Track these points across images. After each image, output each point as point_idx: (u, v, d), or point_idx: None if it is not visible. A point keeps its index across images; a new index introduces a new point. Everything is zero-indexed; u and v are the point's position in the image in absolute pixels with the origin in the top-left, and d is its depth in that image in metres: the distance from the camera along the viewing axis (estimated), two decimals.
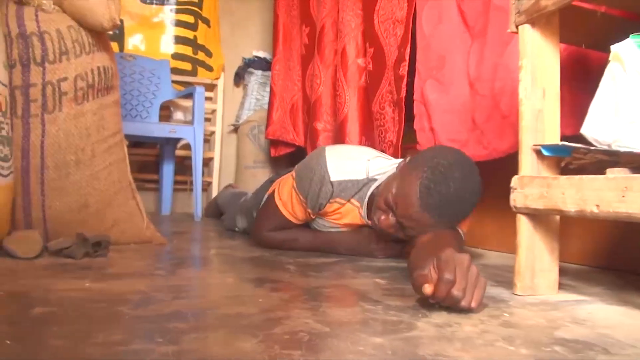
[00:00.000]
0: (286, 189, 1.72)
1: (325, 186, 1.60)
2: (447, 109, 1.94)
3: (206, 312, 0.92)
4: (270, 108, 3.22)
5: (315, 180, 1.61)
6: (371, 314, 0.96)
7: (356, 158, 1.64)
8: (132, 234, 1.79)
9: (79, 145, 1.62)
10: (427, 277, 1.00)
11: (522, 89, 1.21)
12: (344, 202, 1.63)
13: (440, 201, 1.33)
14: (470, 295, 0.96)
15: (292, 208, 1.71)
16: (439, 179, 1.33)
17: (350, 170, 1.61)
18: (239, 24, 3.95)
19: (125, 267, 1.37)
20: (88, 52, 1.64)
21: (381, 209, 1.46)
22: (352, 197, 1.62)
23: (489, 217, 2.05)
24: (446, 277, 0.95)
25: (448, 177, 1.33)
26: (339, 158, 1.63)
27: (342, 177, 1.60)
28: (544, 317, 0.99)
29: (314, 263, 1.56)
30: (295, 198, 1.68)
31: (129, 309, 0.92)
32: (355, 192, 1.62)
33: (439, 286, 0.95)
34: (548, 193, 1.10)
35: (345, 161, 1.63)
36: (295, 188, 1.67)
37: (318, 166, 1.61)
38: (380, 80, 2.28)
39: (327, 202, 1.63)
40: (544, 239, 1.20)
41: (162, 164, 3.38)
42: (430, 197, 1.33)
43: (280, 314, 0.92)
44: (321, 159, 1.62)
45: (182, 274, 1.30)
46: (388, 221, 1.45)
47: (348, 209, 1.65)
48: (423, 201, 1.34)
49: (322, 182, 1.60)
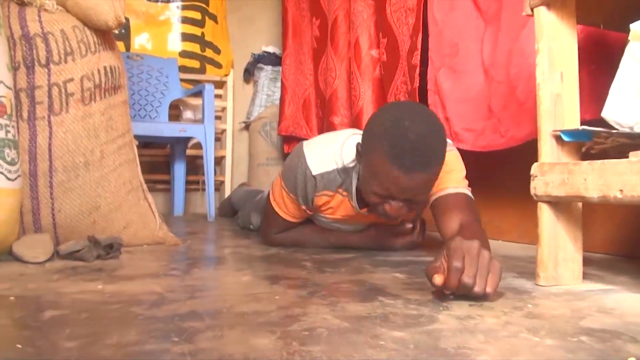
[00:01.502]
0: (277, 190, 1.73)
1: (309, 180, 1.61)
2: (462, 98, 1.92)
3: (222, 310, 0.92)
4: (282, 103, 3.22)
5: (299, 177, 1.62)
6: (391, 308, 0.96)
7: (330, 147, 1.62)
8: (145, 236, 1.80)
9: (87, 147, 1.63)
10: (438, 268, 1.01)
11: (539, 74, 1.20)
12: (332, 194, 1.63)
13: (416, 154, 1.27)
14: (484, 281, 0.97)
15: (286, 207, 1.72)
16: (398, 139, 1.27)
17: (328, 161, 1.60)
18: (246, 19, 3.95)
19: (138, 269, 1.37)
20: (94, 52, 1.66)
21: (377, 202, 1.42)
22: (338, 188, 1.62)
23: (509, 207, 2.04)
24: (454, 264, 0.96)
25: (402, 133, 1.27)
26: (316, 151, 1.63)
27: (322, 170, 1.60)
28: (569, 307, 0.98)
29: (331, 259, 1.56)
30: (286, 197, 1.69)
31: (143, 309, 0.92)
32: (341, 183, 1.61)
33: (449, 275, 0.97)
34: (569, 179, 1.09)
35: (321, 153, 1.62)
36: (285, 188, 1.68)
37: (299, 163, 1.62)
38: (395, 71, 2.27)
39: (315, 195, 1.63)
40: (566, 228, 1.19)
41: (173, 164, 3.40)
42: (404, 158, 1.27)
43: (297, 310, 0.92)
44: (301, 156, 1.62)
45: (197, 274, 1.30)
46: (394, 207, 1.41)
47: (338, 200, 1.65)
48: (403, 166, 1.28)
49: (305, 176, 1.61)
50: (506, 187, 2.00)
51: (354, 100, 2.52)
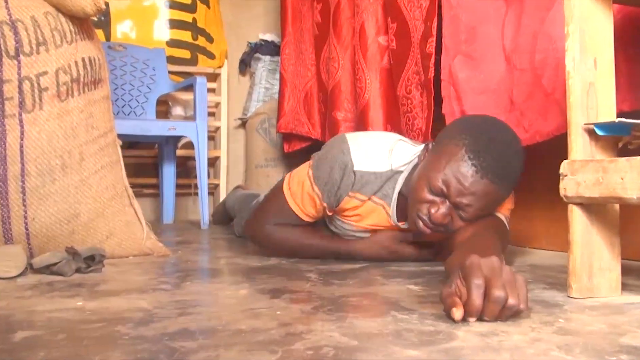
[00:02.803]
0: (298, 178, 1.69)
1: (348, 176, 1.60)
2: (480, 88, 1.92)
3: (217, 328, 0.92)
4: (281, 98, 3.22)
5: (336, 168, 1.60)
6: (405, 324, 0.95)
7: (379, 147, 1.64)
8: (130, 246, 1.79)
9: (65, 148, 1.63)
10: (454, 294, 0.96)
11: (569, 60, 1.19)
12: (364, 199, 1.62)
13: (496, 161, 1.36)
14: (516, 292, 0.93)
15: (302, 201, 1.67)
16: (484, 141, 1.37)
17: (374, 161, 1.61)
18: (242, 4, 3.95)
19: (123, 283, 1.37)
20: (70, 42, 1.65)
21: (426, 200, 1.45)
22: (373, 195, 1.62)
23: (536, 210, 2.03)
24: (475, 282, 0.92)
25: (491, 137, 1.37)
26: (363, 146, 1.63)
27: (365, 168, 1.60)
28: (606, 322, 0.97)
29: (338, 270, 1.55)
30: (309, 190, 1.65)
31: (128, 328, 0.92)
32: (378, 188, 1.61)
33: (471, 296, 0.92)
34: (604, 178, 1.08)
35: (368, 150, 1.62)
36: (312, 177, 1.65)
37: (340, 153, 1.61)
38: (405, 60, 2.26)
39: (347, 194, 1.62)
40: (601, 233, 1.18)
41: (162, 166, 3.40)
42: (484, 159, 1.36)
43: (301, 327, 0.92)
44: (344, 145, 1.62)
45: (189, 288, 1.30)
46: (440, 211, 1.43)
47: (369, 208, 1.64)
48: (478, 166, 1.36)
49: (345, 170, 1.59)
50: (532, 188, 1.99)
51: (359, 93, 2.51)
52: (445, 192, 1.41)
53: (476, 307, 0.92)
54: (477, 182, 1.37)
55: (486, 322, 0.95)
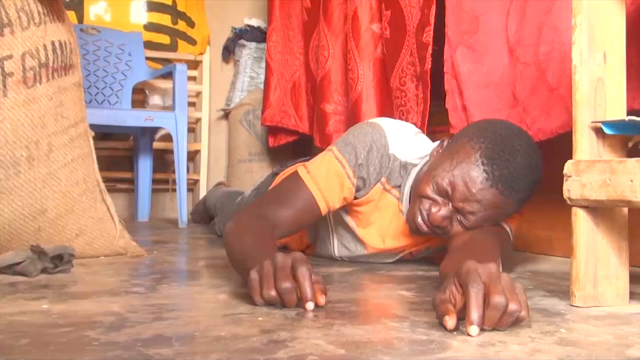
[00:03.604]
0: (318, 161, 1.58)
1: (386, 157, 1.57)
2: (482, 82, 1.93)
3: (194, 334, 0.92)
4: (267, 88, 3.21)
5: (374, 149, 1.55)
6: (395, 332, 0.95)
7: (405, 135, 1.62)
8: (102, 245, 1.79)
9: (31, 138, 1.62)
10: (447, 301, 0.96)
11: (576, 54, 1.19)
12: (389, 188, 1.60)
13: (511, 172, 1.35)
14: (517, 298, 0.93)
15: (326, 181, 1.53)
16: (502, 148, 1.36)
17: (402, 147, 1.59)
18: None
19: (93, 285, 1.36)
20: (38, 24, 1.64)
21: (428, 197, 1.44)
22: (394, 187, 1.60)
23: (537, 213, 2.03)
24: (474, 289, 0.91)
25: (511, 146, 1.36)
26: (394, 129, 1.60)
27: (396, 153, 1.58)
28: (612, 333, 0.98)
29: (325, 273, 1.55)
30: (335, 168, 1.54)
31: (98, 333, 0.91)
32: (399, 179, 1.60)
33: (470, 302, 0.91)
34: (612, 180, 1.09)
35: (398, 134, 1.60)
36: (341, 156, 1.55)
37: (377, 134, 1.57)
38: (400, 50, 2.27)
39: (379, 181, 1.58)
40: (608, 238, 1.19)
41: (137, 160, 3.39)
42: (497, 168, 1.35)
43: (284, 335, 0.91)
44: (376, 127, 1.59)
45: (165, 291, 1.29)
46: (440, 213, 1.43)
47: (387, 201, 1.61)
48: (490, 173, 1.35)
49: (384, 151, 1.56)
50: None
51: (350, 84, 2.52)
52: (449, 193, 1.41)
53: (478, 316, 0.90)
54: (485, 190, 1.37)
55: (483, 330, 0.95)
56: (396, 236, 1.66)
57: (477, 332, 0.89)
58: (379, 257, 1.73)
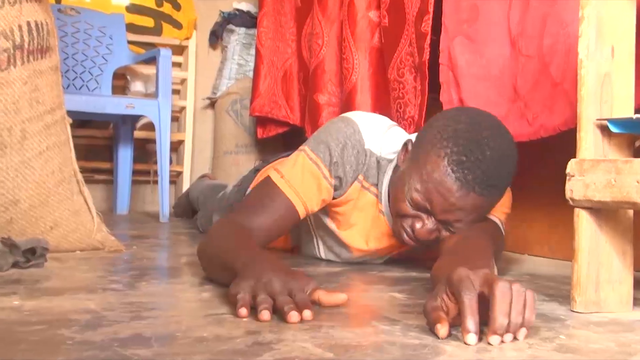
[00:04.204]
0: (290, 162, 1.56)
1: (362, 154, 1.56)
2: (481, 75, 1.93)
3: (175, 335, 0.92)
4: (257, 76, 3.20)
5: (349, 144, 1.54)
6: (386, 335, 0.95)
7: (378, 128, 1.61)
8: (78, 239, 1.78)
9: (4, 124, 1.61)
10: (439, 308, 0.96)
11: (582, 47, 1.20)
12: (368, 186, 1.60)
13: (484, 172, 1.33)
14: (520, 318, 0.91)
15: (302, 183, 1.51)
16: (469, 149, 1.34)
17: (376, 142, 1.58)
18: None
19: (68, 280, 1.36)
20: (12, 3, 1.63)
21: (409, 214, 1.44)
22: (373, 185, 1.60)
23: (537, 213, 2.04)
24: (467, 294, 0.91)
25: (477, 142, 1.34)
26: (367, 122, 1.60)
27: (372, 148, 1.57)
28: (614, 341, 0.98)
29: (314, 273, 1.55)
30: (310, 168, 1.53)
31: (73, 332, 0.91)
32: (377, 175, 1.59)
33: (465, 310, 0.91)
34: (617, 181, 1.09)
35: (372, 127, 1.59)
36: (314, 155, 1.54)
37: (350, 129, 1.56)
38: (399, 40, 2.27)
39: (356, 179, 1.57)
40: (612, 241, 1.19)
41: (117, 149, 3.38)
42: (469, 171, 1.33)
43: (270, 336, 0.92)
44: (349, 122, 1.58)
45: (144, 289, 1.29)
46: (426, 227, 1.43)
47: (362, 203, 1.61)
48: (463, 180, 1.34)
49: (359, 147, 1.55)
50: (535, 189, 2.01)
51: (345, 74, 2.51)
52: (429, 208, 1.40)
53: (474, 324, 0.90)
54: (464, 197, 1.35)
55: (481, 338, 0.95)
56: (379, 237, 1.66)
57: (475, 340, 0.89)
58: (367, 259, 1.73)
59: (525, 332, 0.92)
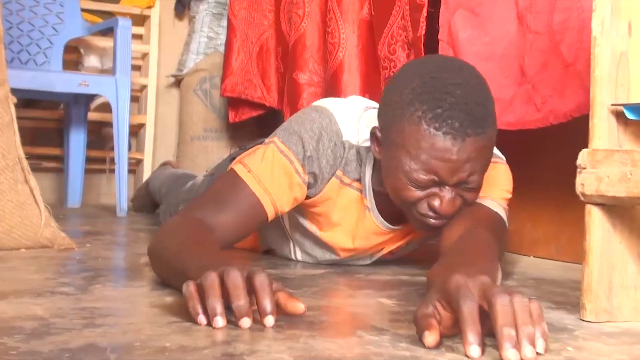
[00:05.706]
0: (259, 155, 1.54)
1: (339, 146, 1.55)
2: (485, 53, 1.93)
3: (134, 345, 0.91)
4: (229, 51, 3.19)
5: (324, 136, 1.54)
6: (373, 346, 0.95)
7: (353, 113, 1.61)
8: (23, 235, 1.77)
9: None
10: (430, 316, 0.97)
11: (596, 24, 1.20)
12: (349, 182, 1.59)
13: (466, 112, 1.32)
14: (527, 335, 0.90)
15: (272, 179, 1.50)
16: (439, 99, 1.33)
17: (354, 130, 1.57)
18: None
19: (12, 283, 1.35)
20: None
21: (420, 197, 1.42)
22: (355, 181, 1.59)
23: (543, 210, 2.05)
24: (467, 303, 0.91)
25: (445, 89, 1.33)
26: (343, 112, 1.59)
27: (353, 139, 1.57)
28: (628, 353, 0.99)
29: (293, 275, 1.55)
30: (281, 162, 1.52)
31: (17, 341, 0.90)
32: (359, 171, 1.58)
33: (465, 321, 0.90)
34: (634, 174, 1.10)
35: (348, 117, 1.59)
36: (285, 148, 1.53)
37: (325, 119, 1.55)
38: (390, 11, 2.27)
39: (334, 175, 1.57)
40: (627, 242, 1.20)
41: (69, 134, 3.36)
42: (451, 119, 1.32)
43: (241, 347, 0.92)
44: (323, 112, 1.57)
45: (99, 292, 1.29)
46: (446, 199, 1.40)
47: (348, 197, 1.60)
48: (452, 131, 1.32)
49: (337, 139, 1.55)
50: (542, 182, 2.02)
51: (330, 50, 2.51)
52: (437, 179, 1.39)
53: (476, 335, 0.90)
54: (464, 147, 1.33)
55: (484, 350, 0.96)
56: (366, 236, 1.66)
57: (478, 353, 0.89)
58: (353, 260, 1.74)
59: (543, 343, 0.91)
